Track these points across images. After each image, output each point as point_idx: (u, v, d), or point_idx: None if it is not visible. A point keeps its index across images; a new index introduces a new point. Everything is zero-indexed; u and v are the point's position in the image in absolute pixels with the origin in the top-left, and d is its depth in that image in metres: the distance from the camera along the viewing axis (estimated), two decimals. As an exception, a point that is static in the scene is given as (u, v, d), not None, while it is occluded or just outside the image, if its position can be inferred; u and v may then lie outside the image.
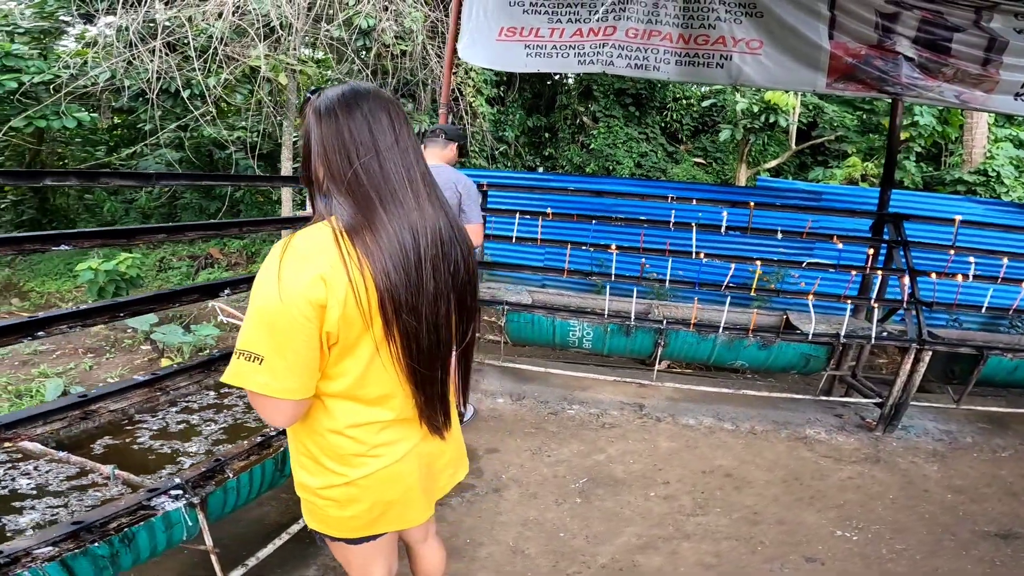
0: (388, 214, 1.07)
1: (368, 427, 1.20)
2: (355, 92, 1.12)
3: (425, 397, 1.21)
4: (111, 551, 1.54)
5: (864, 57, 3.74)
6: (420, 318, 1.11)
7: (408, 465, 1.27)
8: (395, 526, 1.35)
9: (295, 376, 1.05)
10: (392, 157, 1.10)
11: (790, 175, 10.21)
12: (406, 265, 1.07)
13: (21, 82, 6.09)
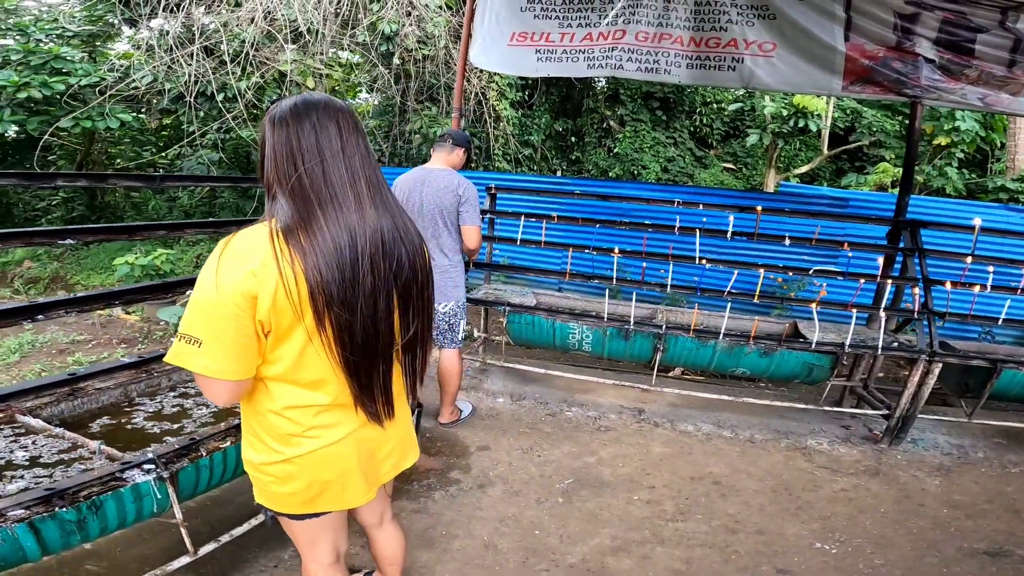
0: (326, 216, 1.16)
1: (304, 409, 1.28)
2: (306, 103, 1.20)
3: (359, 385, 1.28)
4: (78, 517, 1.64)
5: (882, 59, 3.63)
6: (354, 311, 1.18)
7: (345, 448, 1.34)
8: (334, 506, 1.41)
9: (230, 359, 1.15)
10: (336, 164, 1.18)
11: (825, 181, 9.92)
12: (340, 262, 1.15)
13: (69, 84, 6.47)
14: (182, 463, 1.85)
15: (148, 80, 6.33)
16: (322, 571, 1.56)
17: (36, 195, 9.80)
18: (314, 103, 1.21)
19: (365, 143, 1.25)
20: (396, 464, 1.52)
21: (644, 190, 6.64)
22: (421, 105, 7.43)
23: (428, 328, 1.43)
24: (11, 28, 6.81)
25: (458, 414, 3.56)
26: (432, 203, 3.09)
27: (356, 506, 1.46)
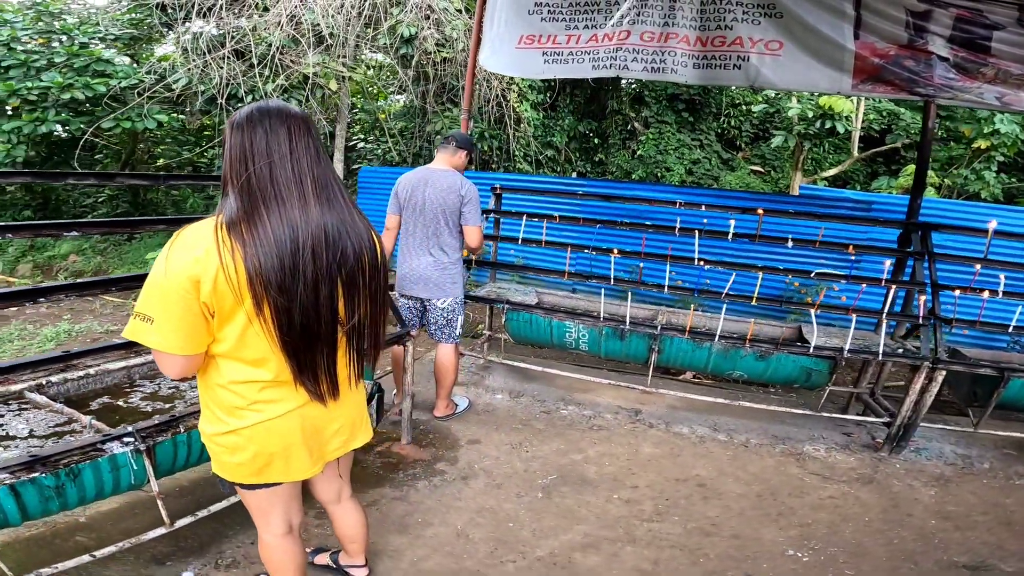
0: (268, 211, 1.28)
1: (249, 384, 1.40)
2: (260, 110, 1.33)
3: (298, 364, 1.38)
4: (57, 483, 1.77)
5: (893, 58, 3.54)
6: (293, 297, 1.29)
7: (289, 423, 1.45)
8: (281, 477, 1.52)
9: (179, 336, 1.27)
10: (284, 164, 1.30)
11: (858, 184, 9.63)
12: (279, 252, 1.27)
13: (110, 86, 6.82)
14: (161, 438, 1.96)
15: (184, 82, 6.60)
16: (275, 540, 1.67)
17: (84, 193, 10.30)
18: (268, 110, 1.33)
19: (316, 146, 1.36)
20: (345, 442, 1.62)
21: (647, 191, 6.61)
22: (442, 107, 7.55)
23: (377, 316, 1.52)
24: (56, 31, 7.20)
25: (453, 408, 3.62)
26: (434, 202, 3.17)
27: (301, 479, 1.57)
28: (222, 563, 2.18)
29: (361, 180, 7.73)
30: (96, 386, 2.65)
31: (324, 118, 7.02)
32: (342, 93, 6.49)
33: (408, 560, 2.25)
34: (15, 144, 6.85)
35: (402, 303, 3.42)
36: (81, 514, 2.39)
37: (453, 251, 3.30)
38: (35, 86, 6.58)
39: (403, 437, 3.19)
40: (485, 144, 7.89)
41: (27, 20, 7.19)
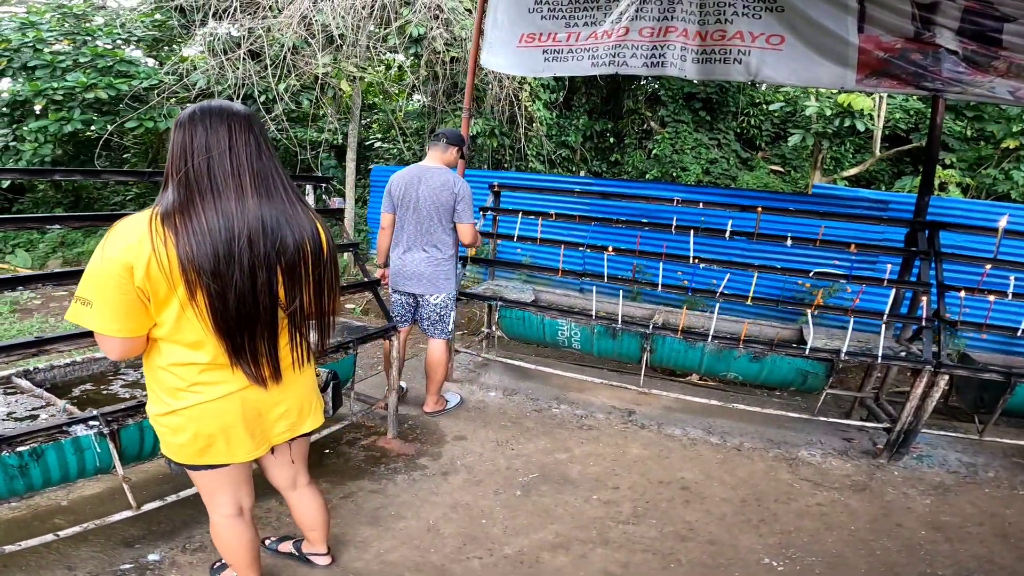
0: (204, 203, 1.34)
1: (187, 367, 1.44)
2: (202, 109, 1.38)
3: (233, 348, 1.42)
4: (20, 463, 1.81)
5: (899, 51, 3.42)
6: (228, 284, 1.34)
7: (228, 405, 1.49)
8: (223, 458, 1.56)
9: (117, 319, 1.33)
10: (222, 160, 1.36)
11: (883, 184, 9.33)
12: (213, 241, 1.32)
13: (131, 86, 7.01)
14: (126, 422, 1.99)
15: (203, 83, 6.75)
16: (223, 521, 1.71)
17: (113, 191, 10.59)
18: (209, 109, 1.38)
19: (257, 142, 1.41)
20: (292, 426, 1.65)
21: (644, 189, 6.52)
22: (453, 106, 7.57)
23: (323, 303, 1.55)
24: (80, 32, 7.44)
25: (443, 404, 3.61)
26: (428, 200, 3.17)
27: (244, 460, 1.60)
28: (189, 547, 2.21)
29: (373, 179, 7.81)
30: (82, 374, 2.72)
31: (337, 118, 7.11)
32: (354, 93, 6.55)
33: (374, 551, 2.24)
34: (42, 143, 7.10)
35: (395, 299, 3.43)
36: (64, 498, 2.45)
37: (446, 248, 3.30)
38: (60, 86, 6.81)
39: (389, 431, 3.20)
40: (496, 142, 7.88)
41: (53, 22, 7.44)
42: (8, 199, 9.64)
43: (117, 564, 2.09)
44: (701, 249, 3.47)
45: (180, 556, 2.16)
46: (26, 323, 5.07)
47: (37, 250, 8.03)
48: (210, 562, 2.10)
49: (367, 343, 2.99)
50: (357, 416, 3.13)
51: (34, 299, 5.79)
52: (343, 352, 2.75)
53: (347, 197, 7.45)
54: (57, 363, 2.65)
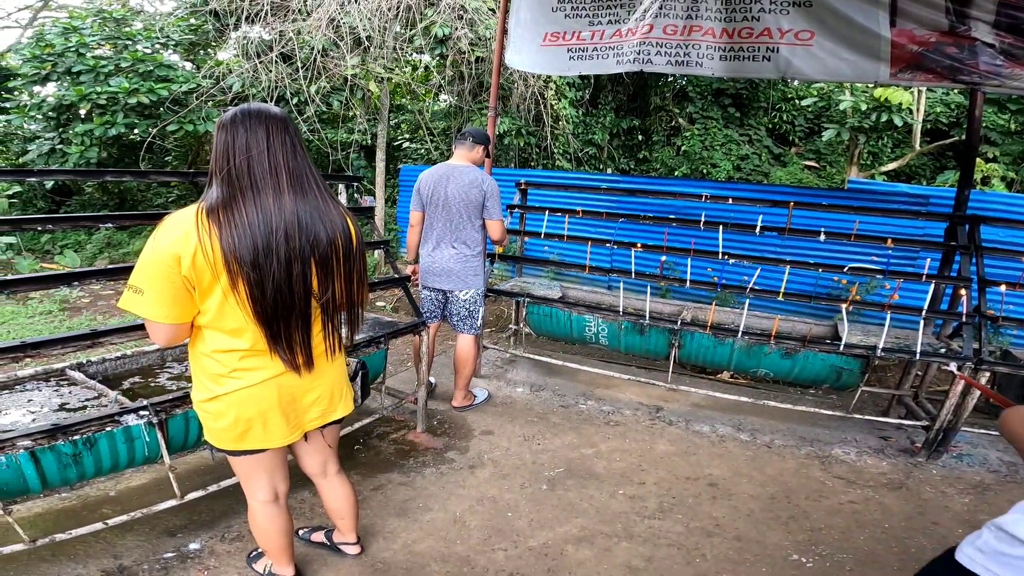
0: (244, 199, 1.44)
1: (229, 353, 1.53)
2: (242, 111, 1.48)
3: (271, 334, 1.50)
4: (74, 451, 1.91)
5: (934, 45, 3.32)
6: (266, 274, 1.42)
7: (265, 390, 1.57)
8: (261, 443, 1.64)
9: (165, 306, 1.42)
10: (261, 160, 1.45)
11: (924, 179, 9.05)
12: (253, 234, 1.40)
13: (171, 90, 7.26)
14: (174, 412, 2.08)
15: (237, 86, 6.94)
16: (259, 507, 1.80)
17: (156, 192, 10.96)
18: (248, 111, 1.47)
19: (292, 143, 1.50)
20: (323, 413, 1.73)
21: (672, 185, 6.44)
22: (479, 106, 7.63)
23: (352, 294, 1.63)
24: (120, 37, 7.72)
25: (471, 399, 3.66)
26: (457, 198, 3.22)
27: (280, 445, 1.67)
28: (228, 536, 2.29)
29: (402, 178, 7.92)
30: (132, 366, 2.84)
31: (366, 119, 7.23)
32: (382, 94, 6.65)
33: (402, 542, 2.30)
34: (88, 146, 7.39)
35: (424, 295, 3.49)
36: (112, 488, 2.57)
37: (475, 244, 3.35)
38: (104, 91, 7.09)
39: (418, 425, 3.26)
40: (522, 141, 7.90)
41: (94, 27, 7.72)
42: (56, 201, 10.08)
43: (160, 553, 2.18)
44: (731, 245, 3.45)
45: (219, 545, 2.24)
46: (75, 320, 5.31)
47: (85, 251, 8.38)
48: (247, 551, 2.18)
49: (397, 338, 3.04)
50: (387, 410, 3.20)
51: (83, 298, 6.04)
52: (374, 347, 2.81)
53: (377, 196, 7.58)
54: (108, 356, 2.76)
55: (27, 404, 2.35)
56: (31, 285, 2.12)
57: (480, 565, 2.19)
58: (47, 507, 2.42)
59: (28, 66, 7.34)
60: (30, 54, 7.38)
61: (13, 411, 2.29)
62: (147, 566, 2.10)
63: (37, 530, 2.15)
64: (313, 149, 8.67)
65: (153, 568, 2.10)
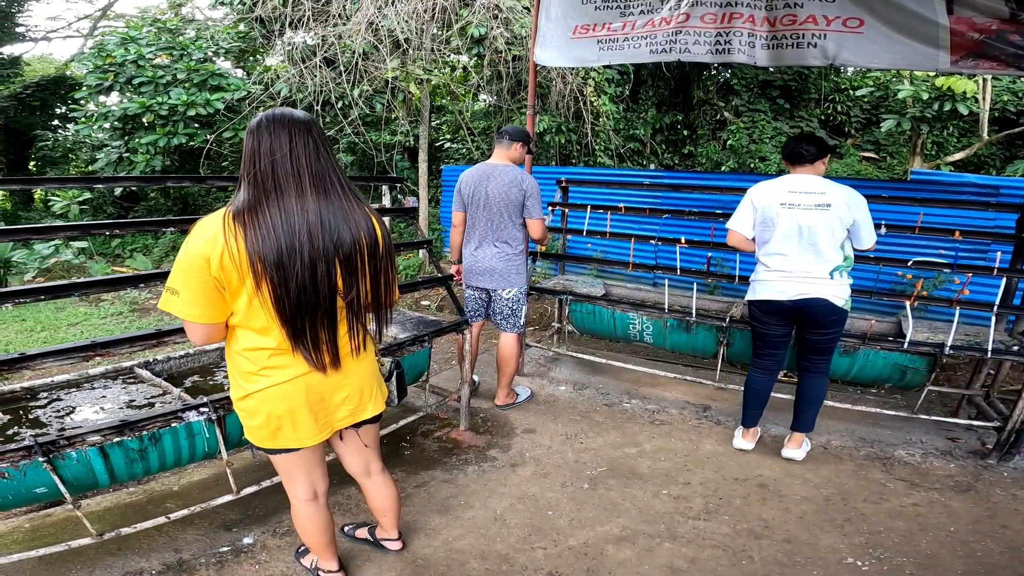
0: (269, 201, 1.47)
1: (259, 352, 1.57)
2: (267, 117, 1.52)
3: (292, 333, 1.54)
4: (140, 446, 2.00)
5: (996, 33, 3.12)
6: (290, 275, 1.46)
7: (294, 388, 1.62)
8: (292, 442, 1.68)
9: (198, 306, 1.47)
10: (284, 162, 1.47)
11: (993, 169, 8.51)
12: (276, 235, 1.45)
13: (225, 100, 7.57)
14: (231, 409, 2.16)
15: (285, 91, 7.17)
16: (299, 504, 1.84)
17: (215, 197, 11.42)
18: (273, 116, 1.50)
19: (316, 145, 1.51)
20: (353, 412, 1.75)
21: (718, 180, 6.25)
22: (518, 104, 7.63)
23: (377, 293, 1.65)
24: (175, 47, 8.08)
25: (514, 397, 3.66)
26: (498, 197, 3.24)
27: (310, 444, 1.70)
28: (279, 531, 2.36)
29: (444, 178, 8.01)
30: (194, 364, 2.97)
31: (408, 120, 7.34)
32: (423, 95, 6.74)
33: (443, 539, 2.32)
34: (153, 155, 7.79)
35: (468, 294, 3.52)
36: (175, 483, 2.69)
37: (517, 243, 3.35)
38: (164, 102, 7.45)
39: (461, 423, 3.28)
40: (563, 138, 7.86)
41: (151, 36, 8.12)
42: (124, 207, 10.67)
43: (217, 547, 2.27)
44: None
45: (270, 540, 2.32)
46: (144, 321, 5.59)
47: (152, 254, 8.81)
48: (296, 546, 2.24)
49: (441, 337, 3.08)
50: (432, 408, 3.24)
51: (151, 299, 6.36)
52: (418, 345, 2.85)
53: (420, 196, 7.68)
54: (173, 355, 2.90)
55: (98, 401, 2.50)
56: (102, 287, 2.24)
57: (519, 563, 2.19)
58: (115, 501, 2.55)
59: (92, 77, 7.76)
60: (93, 65, 7.81)
61: (85, 408, 2.44)
62: (204, 560, 2.19)
63: (105, 524, 2.27)
64: (358, 152, 8.85)
65: (209, 562, 2.18)
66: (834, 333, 2.78)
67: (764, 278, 2.84)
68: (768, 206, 2.75)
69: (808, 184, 2.71)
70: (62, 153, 12.17)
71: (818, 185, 2.69)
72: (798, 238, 2.69)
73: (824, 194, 2.66)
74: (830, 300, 2.67)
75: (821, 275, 2.68)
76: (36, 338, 5.00)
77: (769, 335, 2.91)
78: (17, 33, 13.90)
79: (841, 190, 2.67)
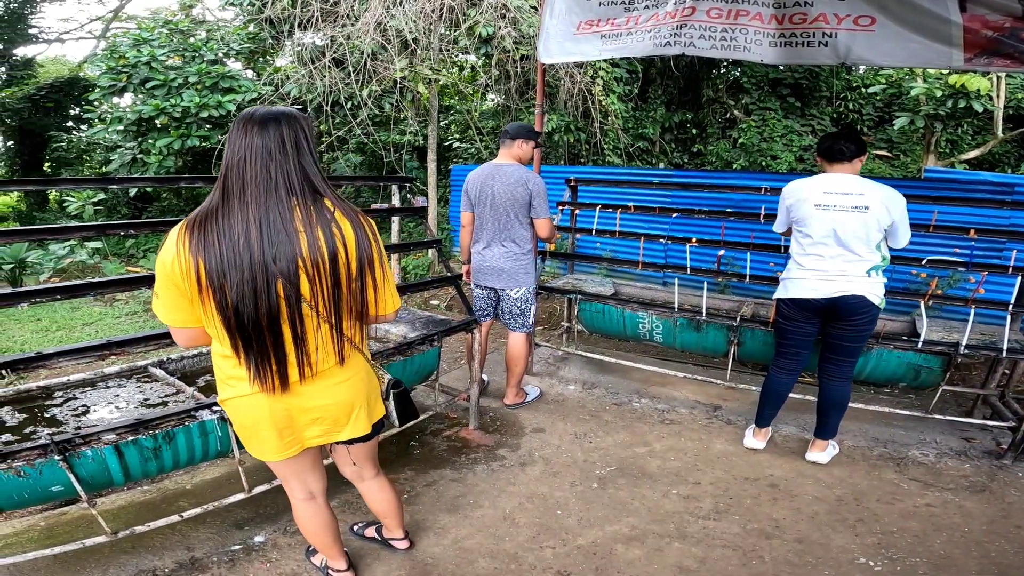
0: (221, 208, 1.38)
1: (226, 359, 1.52)
2: (251, 113, 1.42)
3: (238, 347, 1.44)
4: (154, 445, 2.02)
5: (1009, 31, 3.08)
6: (228, 285, 1.36)
7: (256, 402, 1.54)
8: (257, 454, 1.66)
9: (171, 310, 1.45)
10: (238, 168, 1.38)
11: (1008, 167, 8.40)
12: (217, 245, 1.35)
13: (236, 102, 7.63)
14: None
15: (295, 92, 7.21)
16: (297, 504, 1.86)
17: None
18: (242, 117, 1.42)
19: (284, 146, 1.39)
20: (326, 433, 1.65)
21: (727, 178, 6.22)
22: (526, 104, 7.63)
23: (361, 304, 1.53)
24: (187, 48, 8.15)
25: (523, 396, 3.66)
26: (504, 197, 3.24)
27: (272, 459, 1.66)
28: (290, 530, 2.38)
29: (453, 178, 8.02)
30: (207, 364, 2.99)
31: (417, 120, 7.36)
32: (431, 95, 6.76)
33: (451, 538, 2.32)
34: (166, 156, 7.87)
35: (476, 293, 3.53)
36: (188, 482, 2.72)
37: (524, 242, 3.35)
38: (177, 104, 7.52)
39: (470, 422, 3.29)
40: (571, 137, 7.84)
41: (163, 37, 8.19)
42: (138, 208, 10.78)
43: (229, 545, 2.28)
44: (792, 238, 3.30)
45: (281, 538, 2.33)
46: (157, 320, 5.64)
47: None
48: (306, 545, 2.25)
49: (451, 336, 3.08)
50: (441, 407, 3.24)
51: (159, 299, 6.43)
52: (428, 344, 2.86)
53: (429, 196, 7.70)
54: (186, 354, 2.92)
55: (112, 400, 2.52)
56: (116, 287, 2.26)
57: (528, 562, 2.19)
58: (129, 500, 2.58)
59: (105, 78, 7.84)
60: (106, 66, 7.89)
61: (100, 407, 2.47)
62: (216, 558, 2.21)
63: (119, 522, 2.29)
64: (368, 152, 8.89)
65: (221, 560, 2.20)
66: (864, 331, 2.70)
67: (797, 276, 2.76)
68: (800, 206, 2.69)
69: (845, 184, 2.62)
70: (76, 154, 12.32)
71: (856, 185, 2.60)
72: (834, 240, 2.61)
73: (862, 195, 2.56)
74: (866, 297, 2.59)
75: (858, 273, 2.61)
76: (52, 337, 5.07)
77: (796, 334, 2.85)
78: (30, 35, 14.09)
79: (879, 190, 2.58)
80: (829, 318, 2.73)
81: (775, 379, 2.97)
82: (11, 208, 14.10)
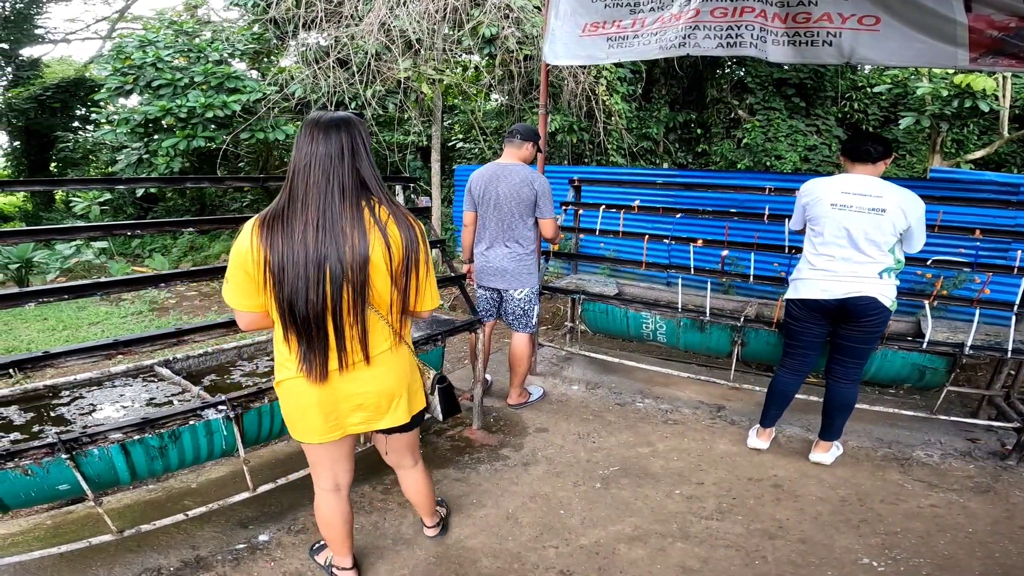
0: (286, 209, 1.52)
1: (283, 344, 1.64)
2: (316, 119, 1.54)
3: (296, 335, 1.58)
4: (160, 444, 2.04)
5: (1014, 30, 3.07)
6: (285, 280, 1.51)
7: (306, 385, 1.65)
8: (302, 436, 1.75)
9: (240, 295, 1.58)
10: (302, 173, 1.51)
11: (1015, 167, 8.36)
12: (280, 244, 1.50)
13: (242, 102, 7.64)
14: (248, 407, 2.19)
15: (300, 92, 7.23)
16: (321, 493, 1.91)
17: (232, 198, 11.55)
18: (316, 119, 1.54)
19: (342, 150, 1.51)
20: (367, 420, 1.75)
21: (731, 178, 6.21)
22: (530, 104, 7.64)
23: (405, 300, 1.66)
24: (192, 49, 8.18)
25: (526, 396, 3.67)
26: (508, 197, 3.24)
27: (315, 441, 1.75)
28: (294, 529, 2.39)
29: (457, 178, 8.04)
30: (212, 363, 3.01)
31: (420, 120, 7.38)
32: (435, 95, 6.78)
33: (455, 537, 2.33)
34: (173, 157, 7.90)
35: (480, 294, 3.53)
36: (193, 481, 2.73)
37: (528, 243, 3.35)
38: (183, 104, 7.55)
39: (474, 422, 3.30)
40: (575, 137, 7.85)
41: (168, 39, 8.22)
42: (144, 208, 10.84)
43: (233, 544, 2.30)
44: (798, 239, 3.29)
45: (285, 537, 2.35)
46: (163, 320, 5.68)
47: (171, 254, 8.94)
48: (310, 543, 2.27)
49: (454, 336, 3.09)
50: (444, 407, 3.24)
51: (170, 298, 6.46)
52: (432, 344, 2.87)
53: (433, 196, 7.71)
54: (192, 353, 2.94)
55: (119, 399, 2.54)
56: (122, 287, 2.29)
57: (530, 562, 2.20)
58: (135, 498, 2.59)
59: (111, 79, 7.87)
60: (112, 67, 7.93)
61: (106, 406, 2.48)
62: (220, 557, 2.22)
63: (125, 521, 2.31)
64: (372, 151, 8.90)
65: (226, 559, 2.21)
66: (874, 333, 2.68)
67: (808, 276, 2.75)
68: (816, 205, 2.67)
69: (864, 185, 2.59)
70: (83, 154, 12.38)
71: (875, 187, 2.58)
72: (847, 240, 2.59)
73: (880, 197, 2.54)
74: (878, 298, 2.57)
75: (869, 275, 2.59)
76: (58, 337, 5.10)
77: (805, 335, 2.84)
78: (36, 35, 14.17)
79: (897, 193, 2.55)
80: (839, 319, 2.71)
81: (781, 379, 2.97)
82: (17, 208, 14.19)
